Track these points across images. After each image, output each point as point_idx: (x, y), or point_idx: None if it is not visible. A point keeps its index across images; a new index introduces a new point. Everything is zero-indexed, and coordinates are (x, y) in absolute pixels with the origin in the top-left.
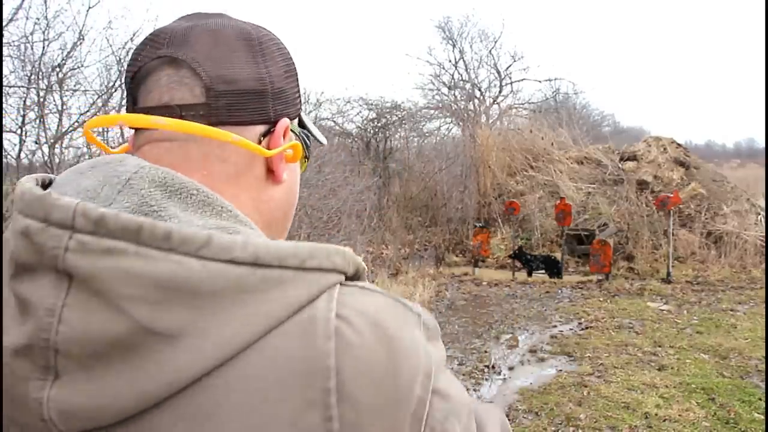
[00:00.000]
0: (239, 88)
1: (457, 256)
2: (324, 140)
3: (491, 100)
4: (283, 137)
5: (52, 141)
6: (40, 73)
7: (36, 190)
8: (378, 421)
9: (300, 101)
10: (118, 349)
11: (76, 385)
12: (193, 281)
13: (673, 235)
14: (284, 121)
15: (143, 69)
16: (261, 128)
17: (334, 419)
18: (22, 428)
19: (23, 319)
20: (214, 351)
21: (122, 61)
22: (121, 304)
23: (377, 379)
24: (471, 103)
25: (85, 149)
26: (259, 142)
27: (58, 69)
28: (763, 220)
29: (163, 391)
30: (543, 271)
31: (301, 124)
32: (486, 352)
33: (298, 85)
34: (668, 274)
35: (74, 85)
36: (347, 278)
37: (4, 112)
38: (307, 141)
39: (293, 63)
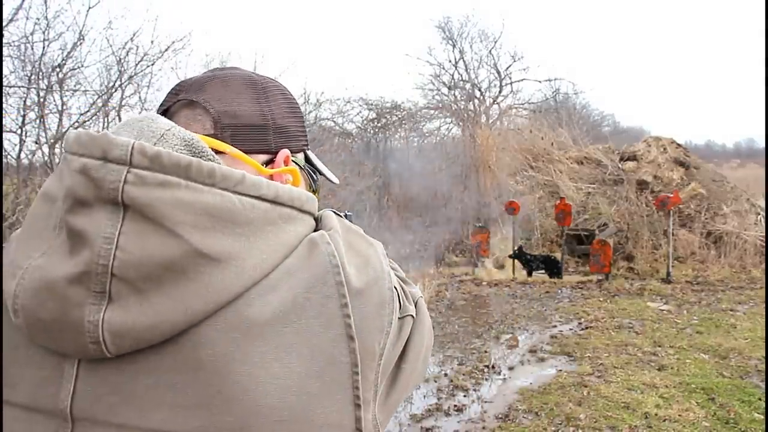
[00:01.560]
0: (242, 122)
1: (457, 256)
2: (335, 179)
3: (491, 100)
4: (285, 166)
5: (52, 141)
6: (40, 73)
7: (92, 132)
8: (371, 296)
9: (305, 139)
10: (170, 272)
11: (129, 308)
12: (234, 212)
13: (673, 235)
14: (284, 152)
15: (168, 111)
16: (263, 157)
17: (348, 305)
18: (60, 358)
19: (78, 250)
20: (253, 271)
21: (122, 61)
22: (177, 230)
23: (360, 268)
24: (471, 103)
25: None
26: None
27: (58, 69)
28: (763, 220)
29: (210, 308)
30: (543, 271)
31: (308, 161)
32: (486, 352)
33: (302, 126)
34: (668, 274)
35: (74, 85)
36: None
37: (4, 112)
38: (313, 175)
39: (297, 107)
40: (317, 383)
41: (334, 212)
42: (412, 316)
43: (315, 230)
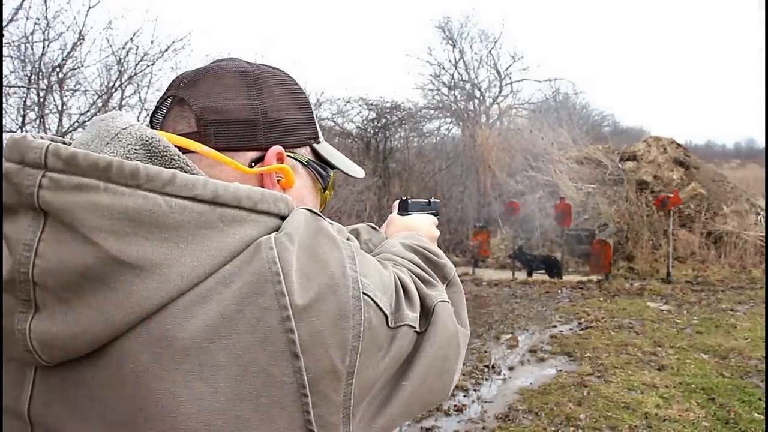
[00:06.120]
0: (228, 117)
1: (457, 256)
2: (358, 174)
3: (491, 100)
4: (279, 163)
5: None
6: (40, 73)
7: (16, 135)
8: (324, 306)
9: (310, 132)
10: (90, 281)
11: (54, 317)
12: (158, 215)
13: (673, 235)
14: (275, 148)
15: (166, 106)
16: (253, 154)
17: (290, 318)
18: (14, 363)
19: (8, 256)
20: (179, 281)
21: (122, 61)
22: (92, 236)
23: (311, 275)
24: (471, 103)
25: None
26: (251, 167)
27: (58, 69)
28: (763, 220)
29: (131, 319)
30: (543, 271)
31: (318, 156)
32: (486, 352)
33: (307, 118)
34: (668, 274)
35: (74, 85)
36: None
37: (4, 112)
38: (322, 172)
39: (301, 97)
40: (251, 406)
41: (310, 210)
42: (409, 325)
43: None
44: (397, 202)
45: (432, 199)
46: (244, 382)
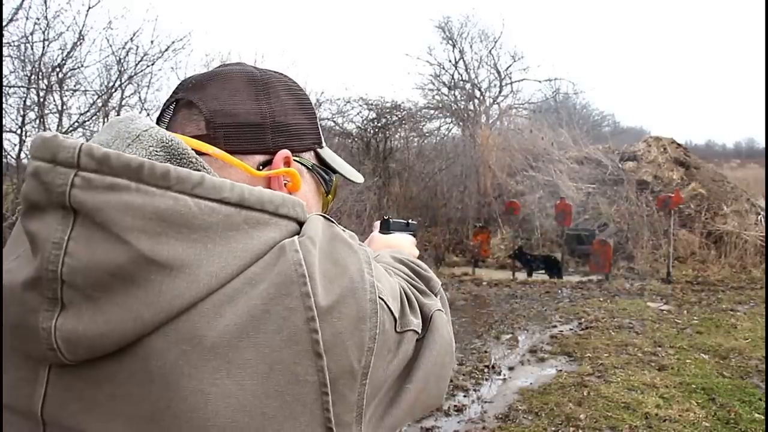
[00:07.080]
0: (237, 121)
1: (457, 256)
2: (359, 178)
3: (491, 100)
4: (286, 166)
5: None
6: (40, 73)
7: (46, 134)
8: (345, 308)
9: (315, 137)
10: (120, 279)
11: (81, 315)
12: (188, 217)
13: (673, 235)
14: (284, 152)
15: (172, 109)
16: (260, 158)
17: (315, 319)
18: (35, 361)
19: (34, 254)
20: (208, 280)
21: (122, 61)
22: (124, 235)
23: (333, 278)
24: (471, 103)
25: None
26: (259, 170)
27: (58, 69)
28: (763, 220)
29: (160, 318)
30: (543, 271)
31: (321, 161)
32: (486, 352)
33: (312, 123)
34: (668, 274)
35: (74, 85)
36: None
37: (4, 112)
38: (325, 177)
39: (306, 103)
40: (276, 403)
41: (325, 217)
42: (415, 331)
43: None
44: (378, 222)
45: (410, 221)
46: (270, 379)
